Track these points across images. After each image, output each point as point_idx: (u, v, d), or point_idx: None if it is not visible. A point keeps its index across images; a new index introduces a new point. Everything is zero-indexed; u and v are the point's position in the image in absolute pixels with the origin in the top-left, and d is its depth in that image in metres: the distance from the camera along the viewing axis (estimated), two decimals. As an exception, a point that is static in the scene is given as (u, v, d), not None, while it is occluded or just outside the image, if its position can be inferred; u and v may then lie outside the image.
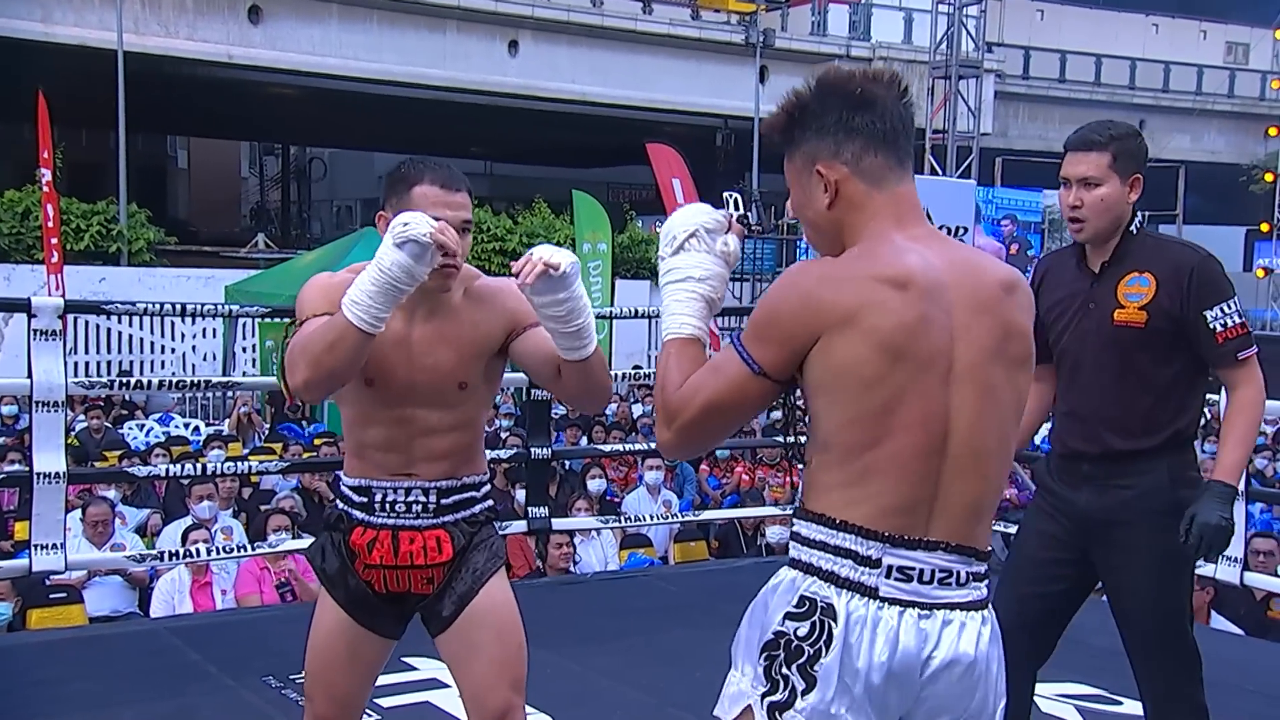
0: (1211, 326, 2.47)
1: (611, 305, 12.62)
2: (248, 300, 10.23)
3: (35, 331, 3.71)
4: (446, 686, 3.60)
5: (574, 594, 5.02)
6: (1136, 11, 28.89)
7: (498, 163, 28.19)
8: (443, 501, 2.24)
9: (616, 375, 9.31)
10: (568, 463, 7.96)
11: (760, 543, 6.81)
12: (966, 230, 5.62)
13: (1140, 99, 26.43)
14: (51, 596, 4.98)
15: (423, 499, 2.23)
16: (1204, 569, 4.62)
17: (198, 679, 3.64)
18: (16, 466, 6.30)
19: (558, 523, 5.22)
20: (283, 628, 4.27)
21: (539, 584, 5.43)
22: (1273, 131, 19.06)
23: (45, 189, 12.38)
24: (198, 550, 4.58)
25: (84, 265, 13.99)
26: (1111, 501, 2.52)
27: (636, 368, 11.57)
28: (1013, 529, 6.12)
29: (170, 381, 4.88)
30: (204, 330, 14.04)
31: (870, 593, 1.54)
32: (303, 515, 6.04)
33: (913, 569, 1.55)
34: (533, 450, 4.87)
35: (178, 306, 4.41)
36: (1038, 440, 5.45)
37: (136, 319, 13.58)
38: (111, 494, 6.11)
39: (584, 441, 8.85)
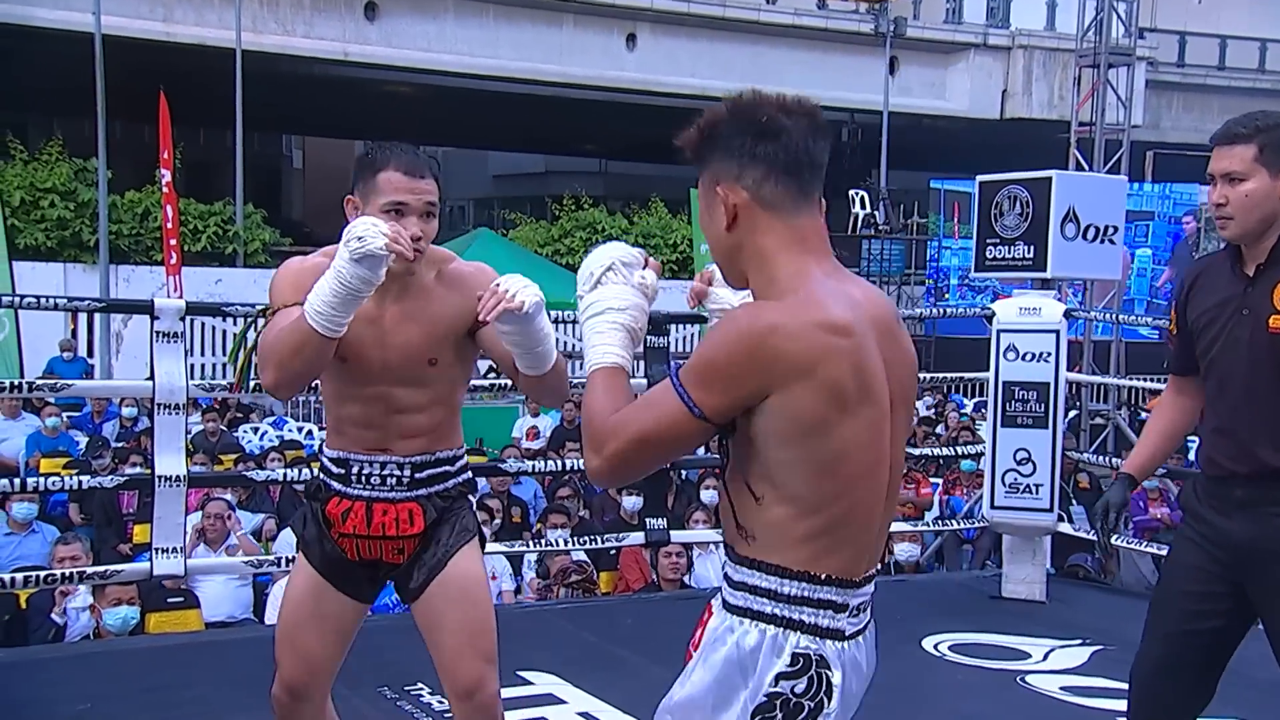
0: None
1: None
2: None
3: (158, 334, 3.86)
4: (563, 703, 3.65)
5: (690, 609, 4.96)
6: (1307, -10, 27.63)
7: (613, 160, 28.38)
8: (416, 475, 2.41)
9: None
10: (684, 472, 7.96)
11: (888, 559, 6.71)
12: (1116, 230, 5.44)
13: (1310, 86, 25.28)
14: (169, 601, 5.18)
15: (397, 473, 2.40)
16: None
17: (312, 687, 3.73)
18: (136, 469, 6.58)
19: (676, 535, 5.23)
20: (398, 637, 4.36)
21: (655, 598, 5.44)
22: None
23: (165, 190, 12.94)
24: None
25: (200, 267, 14.53)
26: (1269, 529, 2.39)
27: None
28: (1165, 550, 5.93)
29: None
30: (247, 317, 14.38)
31: (839, 635, 1.63)
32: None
33: (862, 604, 1.66)
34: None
35: (295, 309, 4.53)
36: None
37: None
38: (228, 498, 6.33)
39: (701, 450, 8.83)
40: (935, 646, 4.32)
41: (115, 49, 13.75)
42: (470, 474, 2.51)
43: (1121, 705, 2.64)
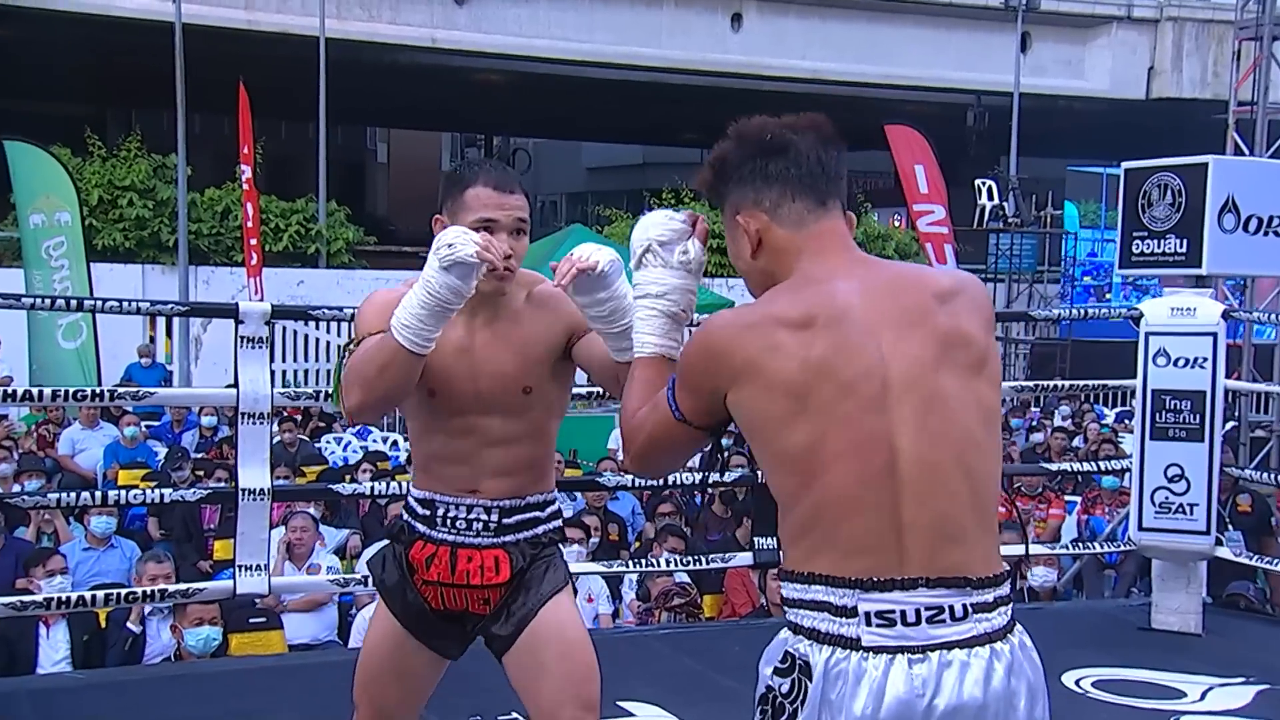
0: None
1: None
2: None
3: (242, 339, 3.95)
4: (666, 736, 3.64)
5: (806, 638, 4.98)
6: None
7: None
8: (504, 521, 2.42)
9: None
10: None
11: (1021, 586, 6.58)
12: (1280, 220, 5.28)
13: None
14: (251, 621, 5.31)
15: (484, 517, 2.41)
16: None
17: (400, 715, 3.79)
18: (219, 482, 6.75)
19: (788, 557, 5.19)
20: (490, 663, 4.41)
21: (763, 624, 5.41)
22: None
23: (245, 186, 13.28)
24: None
25: (281, 267, 14.86)
26: None
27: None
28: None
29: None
30: (340, 349, 14.60)
31: (853, 644, 1.63)
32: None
33: (893, 612, 1.62)
34: (759, 473, 4.87)
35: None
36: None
37: (336, 325, 14.30)
38: (311, 512, 6.45)
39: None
40: (1077, 682, 4.22)
41: (195, 38, 14.16)
42: (561, 522, 2.53)
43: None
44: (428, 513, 2.44)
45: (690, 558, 5.26)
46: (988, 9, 21.11)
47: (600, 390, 6.93)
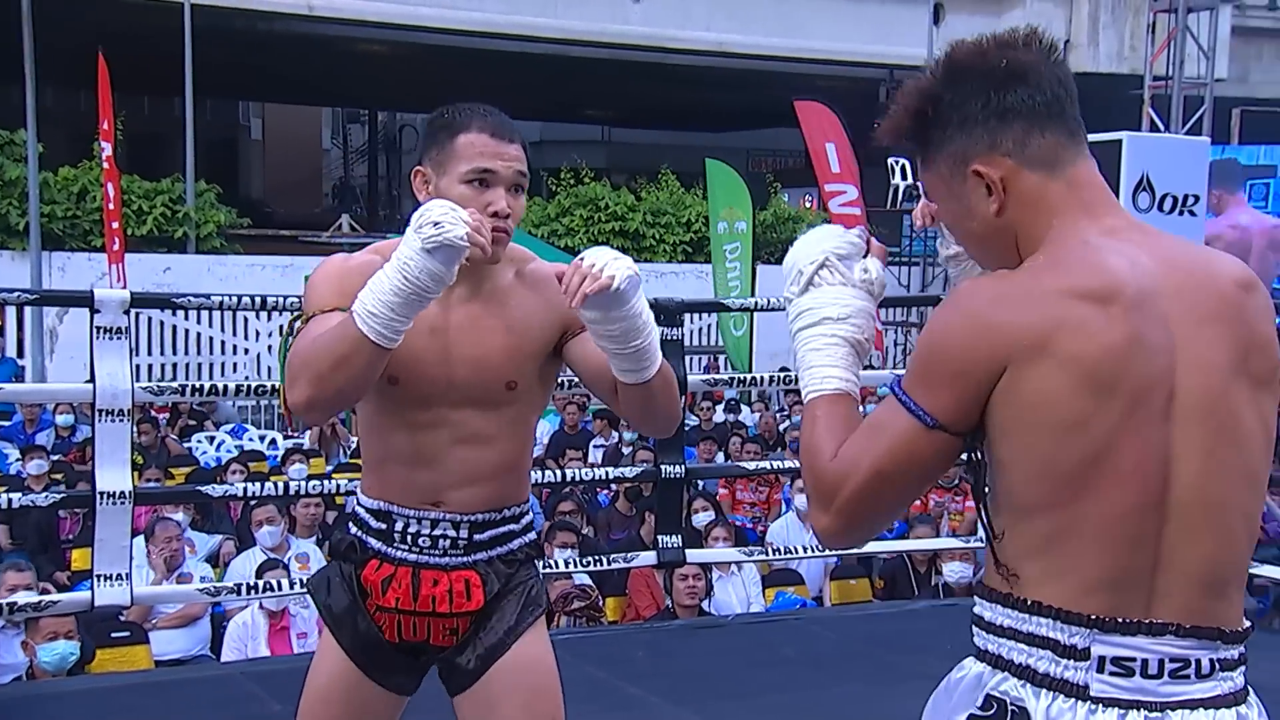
0: None
1: (753, 295, 12.52)
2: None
3: (99, 329, 3.86)
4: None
5: (711, 640, 5.03)
6: None
7: (617, 128, 28.40)
8: (476, 537, 2.20)
9: (761, 379, 9.31)
10: (701, 483, 7.99)
11: (936, 581, 6.72)
12: (1198, 200, 5.43)
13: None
14: (113, 635, 5.21)
15: (452, 533, 2.18)
16: None
17: (280, 733, 3.76)
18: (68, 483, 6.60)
19: (692, 554, 5.24)
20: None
21: (669, 627, 5.46)
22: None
23: (105, 165, 12.97)
24: (278, 585, 4.72)
25: (146, 253, 14.55)
26: None
27: (783, 370, 11.53)
28: (1260, 570, 5.92)
29: (246, 387, 5.03)
30: (281, 328, 14.44)
31: (1078, 692, 1.45)
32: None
33: (1133, 660, 1.45)
34: (664, 468, 4.90)
35: (254, 300, 4.57)
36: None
37: (206, 314, 14.06)
38: (179, 517, 6.35)
39: (721, 458, 8.87)
40: (991, 680, 4.33)
41: (48, 4, 13.78)
42: (536, 534, 2.32)
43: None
44: (383, 526, 2.20)
45: (591, 558, 5.27)
46: (900, -21, 21.42)
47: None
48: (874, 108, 21.66)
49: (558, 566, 5.14)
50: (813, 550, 6.31)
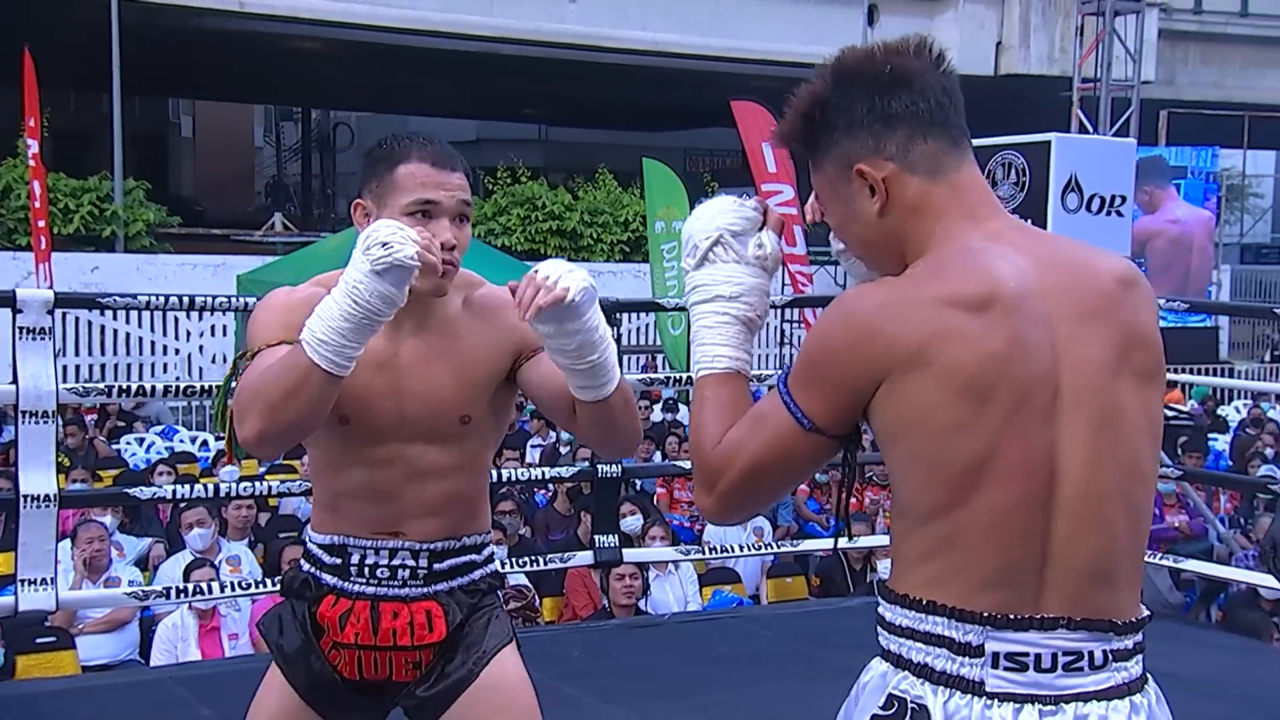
0: None
1: (691, 294, 12.58)
2: (264, 291, 10.36)
3: (21, 329, 3.81)
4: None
5: (648, 638, 5.04)
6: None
7: (554, 126, 28.35)
8: (435, 566, 2.14)
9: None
10: (639, 482, 8.00)
11: (871, 578, 6.77)
12: (1124, 200, 5.52)
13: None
14: (38, 641, 5.12)
15: (411, 563, 2.12)
16: None
17: (209, 738, 3.71)
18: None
19: (629, 554, 5.24)
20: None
21: (606, 626, 5.45)
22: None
23: (31, 163, 12.74)
24: (207, 588, 4.67)
25: (73, 252, 14.33)
26: None
27: (721, 369, 11.63)
28: (1185, 564, 6.02)
29: (176, 387, 4.98)
30: (213, 327, 14.30)
31: (975, 688, 1.48)
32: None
33: (1026, 654, 1.47)
34: (600, 468, 4.90)
35: (184, 300, 4.51)
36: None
37: (135, 314, 13.87)
38: (107, 520, 6.26)
39: (658, 457, 8.88)
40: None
41: (-31, -1, 13.54)
42: (497, 565, 2.27)
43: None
44: (338, 560, 2.13)
45: (527, 558, 5.26)
46: (834, -20, 21.56)
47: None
48: (810, 108, 21.79)
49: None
50: (749, 549, 6.35)
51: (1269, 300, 21.22)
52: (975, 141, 5.52)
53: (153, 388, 5.06)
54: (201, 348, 14.43)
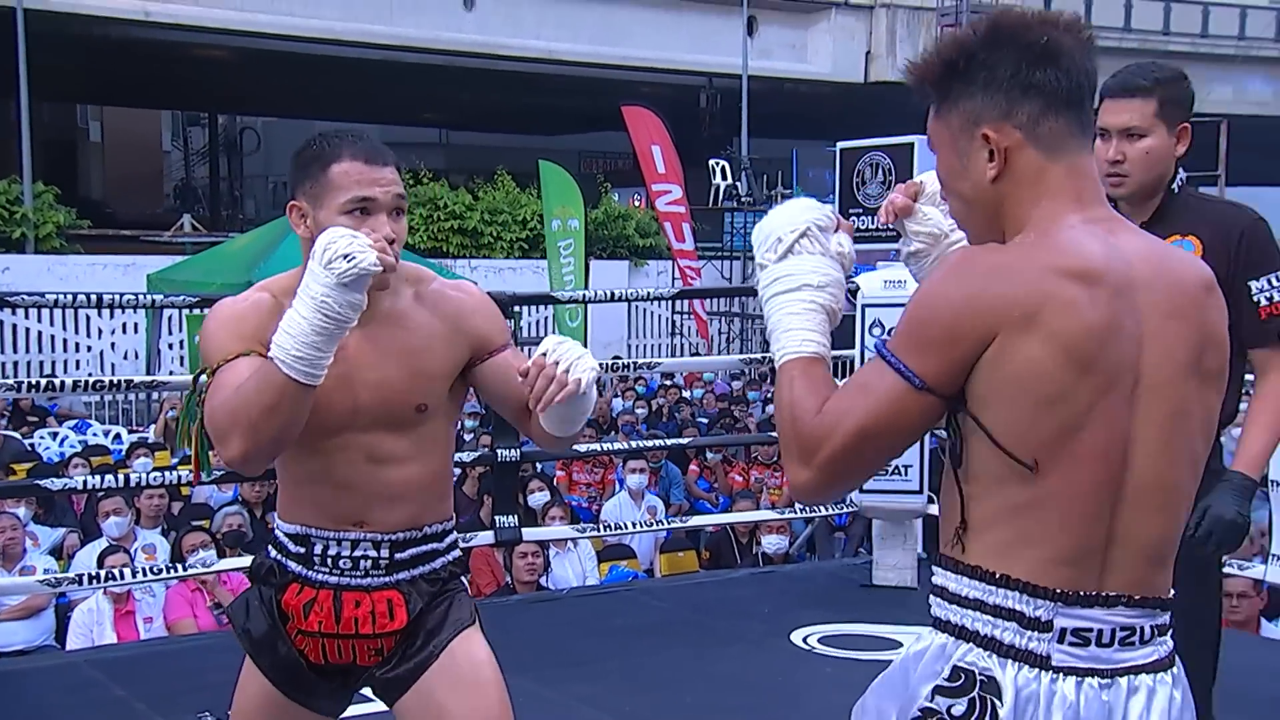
0: (1255, 298, 2.45)
1: (586, 289, 12.56)
2: (173, 290, 10.17)
3: (-70, 328, 3.69)
4: None
5: (548, 612, 5.03)
6: (1171, -52, 29.01)
7: (454, 130, 28.14)
8: (397, 556, 2.08)
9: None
10: (539, 465, 7.98)
11: (756, 551, 6.85)
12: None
13: (1176, 45, 26.51)
14: (-46, 629, 4.97)
15: (373, 554, 2.06)
16: (1252, 571, 4.68)
17: (124, 718, 3.63)
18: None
19: (528, 533, 5.23)
20: (220, 657, 4.24)
21: (509, 602, 5.44)
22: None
23: (-60, 167, 12.32)
24: (120, 574, 4.57)
25: (-16, 254, 13.92)
26: None
27: (616, 359, 11.60)
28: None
29: (86, 382, 4.85)
30: (124, 325, 13.98)
31: (1041, 662, 1.44)
32: (249, 534, 6.03)
33: (1090, 630, 1.45)
34: (499, 452, 4.88)
35: (93, 298, 4.40)
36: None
37: (46, 312, 13.51)
38: (21, 512, 6.09)
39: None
40: (805, 639, 4.42)
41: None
42: (460, 552, 2.19)
43: None
44: (302, 550, 2.07)
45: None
46: (716, -8, 21.68)
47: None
48: (696, 113, 21.95)
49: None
50: (643, 526, 6.38)
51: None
52: (847, 143, 5.65)
53: (63, 383, 4.91)
54: (113, 345, 14.10)
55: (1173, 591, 1.53)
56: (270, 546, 2.14)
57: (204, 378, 1.97)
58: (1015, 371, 1.41)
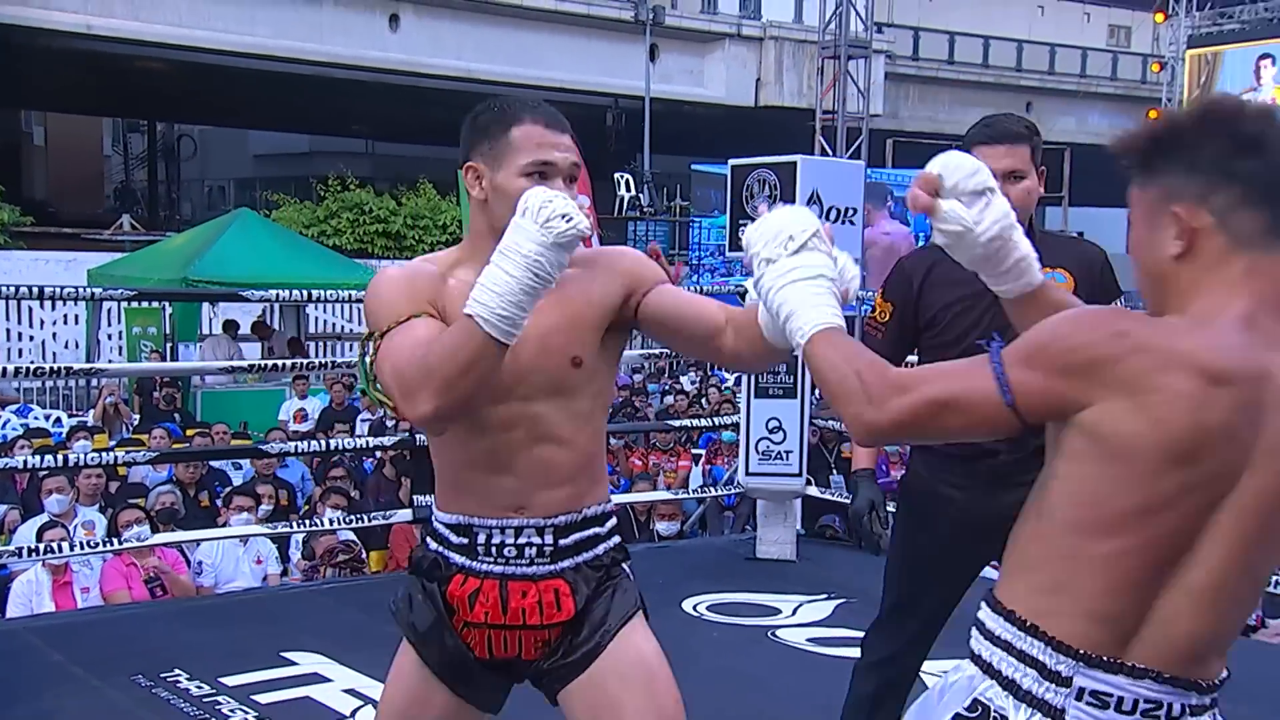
0: None
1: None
2: (112, 285, 9.89)
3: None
4: (329, 680, 3.56)
5: (461, 584, 4.99)
6: (1023, -6, 29.76)
7: (380, 141, 27.74)
8: (561, 543, 1.86)
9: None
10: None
11: (652, 529, 6.87)
12: (856, 212, 5.72)
13: (1027, 81, 27.24)
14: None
15: (537, 540, 1.85)
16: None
17: (61, 680, 3.53)
18: None
19: (444, 511, 5.18)
20: (152, 625, 4.17)
21: (425, 575, 5.38)
22: (1154, 114, 19.83)
23: (-113, 166, 11.82)
24: (58, 547, 4.44)
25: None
26: (1019, 496, 2.50)
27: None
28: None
29: (27, 368, 4.70)
30: (65, 317, 13.57)
31: (1055, 715, 1.36)
32: (181, 511, 5.90)
33: (1110, 695, 1.36)
34: (418, 437, 4.83)
35: (34, 289, 4.26)
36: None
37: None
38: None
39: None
40: (694, 607, 4.45)
41: None
42: (620, 538, 1.96)
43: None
44: (464, 540, 1.86)
45: (353, 516, 5.16)
46: (621, 21, 21.69)
47: (276, 362, 6.59)
48: (603, 130, 21.94)
49: (319, 525, 5.00)
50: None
51: (972, 295, 22.18)
52: (738, 160, 5.64)
53: (4, 369, 4.74)
54: (55, 335, 13.68)
55: (1224, 674, 1.41)
56: (429, 539, 1.94)
57: (372, 342, 1.77)
58: (1109, 440, 1.32)
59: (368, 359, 1.76)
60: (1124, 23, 30.56)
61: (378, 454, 7.43)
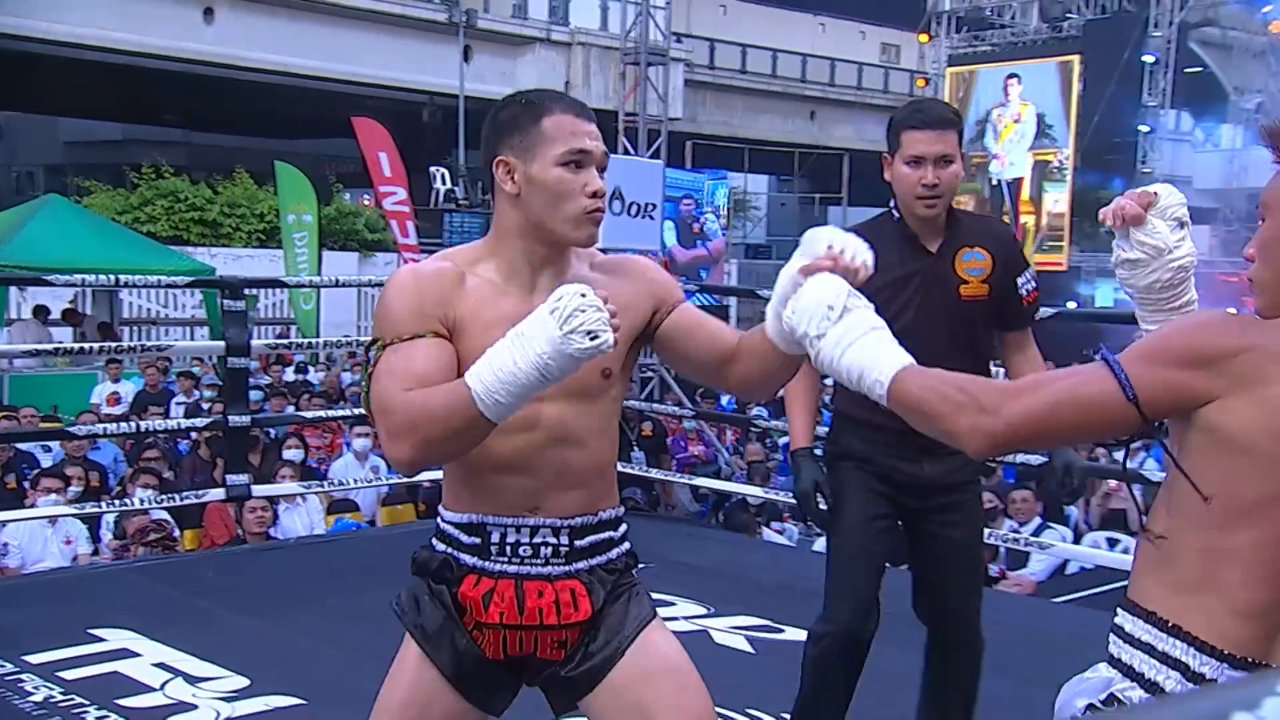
0: (1021, 290, 2.56)
1: (319, 275, 12.41)
2: (-89, 269, 9.13)
3: None
4: (138, 655, 3.41)
5: (276, 559, 4.87)
6: (806, 11, 30.67)
7: (196, 131, 26.45)
8: (577, 544, 1.76)
9: (322, 342, 9.03)
10: (271, 431, 7.68)
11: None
12: (655, 207, 5.84)
13: (810, 91, 28.16)
14: None
15: (553, 540, 1.74)
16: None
17: None
18: None
19: (258, 489, 5.03)
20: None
21: (239, 551, 5.22)
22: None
23: None
24: None
25: None
26: (951, 465, 2.50)
27: (346, 337, 11.31)
28: (700, 481, 6.46)
29: None
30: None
31: None
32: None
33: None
34: (230, 418, 4.67)
35: None
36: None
37: None
38: None
39: (290, 410, 8.55)
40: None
41: None
42: (630, 544, 1.86)
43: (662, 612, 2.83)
44: (477, 540, 1.74)
45: (165, 496, 4.95)
46: (435, 23, 21.33)
47: (85, 346, 6.23)
48: (419, 125, 21.53)
49: (132, 504, 4.77)
50: (367, 483, 6.26)
51: (764, 287, 22.96)
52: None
53: None
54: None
55: None
56: (436, 539, 1.80)
57: (374, 351, 1.66)
58: (1230, 433, 1.29)
59: (370, 368, 1.67)
60: (895, 41, 31.94)
61: (192, 435, 7.15)
